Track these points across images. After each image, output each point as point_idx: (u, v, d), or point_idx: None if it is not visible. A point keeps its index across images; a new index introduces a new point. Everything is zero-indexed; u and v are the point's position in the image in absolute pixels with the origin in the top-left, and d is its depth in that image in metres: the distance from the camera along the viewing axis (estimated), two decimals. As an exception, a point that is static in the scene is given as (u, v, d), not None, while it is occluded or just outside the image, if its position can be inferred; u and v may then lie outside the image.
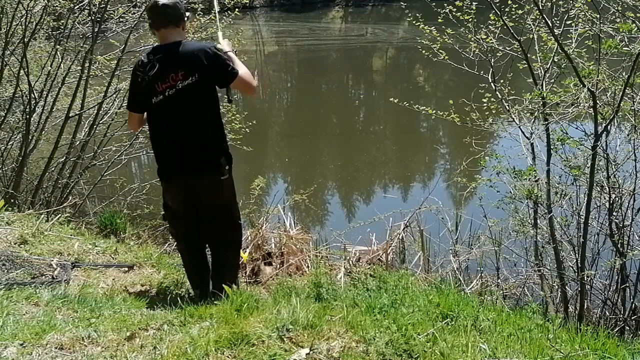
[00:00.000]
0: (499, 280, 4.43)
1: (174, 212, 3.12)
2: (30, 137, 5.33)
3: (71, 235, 4.14)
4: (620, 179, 3.92)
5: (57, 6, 5.38)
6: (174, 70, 2.82)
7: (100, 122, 5.95)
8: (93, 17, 5.43)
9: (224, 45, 3.05)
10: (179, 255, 3.49)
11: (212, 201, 3.02)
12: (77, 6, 5.36)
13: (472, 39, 4.65)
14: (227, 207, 3.10)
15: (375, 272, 4.12)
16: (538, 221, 4.17)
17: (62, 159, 5.74)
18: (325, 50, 21.63)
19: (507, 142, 4.83)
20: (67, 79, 5.56)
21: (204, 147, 2.95)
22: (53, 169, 5.80)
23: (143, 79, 2.87)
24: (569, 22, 4.07)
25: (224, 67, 2.87)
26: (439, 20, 4.93)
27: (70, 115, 5.54)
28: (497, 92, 4.54)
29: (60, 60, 5.49)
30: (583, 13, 3.92)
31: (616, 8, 3.61)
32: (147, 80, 2.86)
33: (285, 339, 2.02)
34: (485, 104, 4.66)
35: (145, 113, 3.03)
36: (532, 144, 4.24)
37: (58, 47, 5.50)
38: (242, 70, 2.95)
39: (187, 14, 3.12)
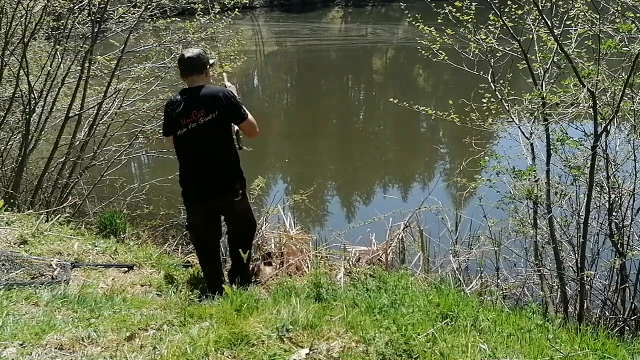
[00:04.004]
0: (498, 280, 4.43)
1: (196, 227, 3.73)
2: (30, 137, 5.32)
3: (71, 235, 4.14)
4: (620, 179, 3.92)
5: (57, 6, 5.37)
6: (196, 108, 3.42)
7: (100, 122, 5.94)
8: (93, 17, 5.42)
9: (232, 88, 3.67)
10: (196, 259, 4.11)
11: (229, 217, 3.76)
12: (77, 6, 5.36)
13: (472, 39, 4.65)
14: (242, 221, 3.76)
15: (375, 272, 4.11)
16: (538, 221, 4.17)
17: (62, 159, 5.72)
18: (325, 50, 21.63)
19: (507, 142, 4.83)
20: (66, 79, 5.54)
21: (220, 172, 3.53)
22: (53, 169, 5.78)
23: (172, 115, 3.49)
24: (569, 22, 4.07)
25: (238, 108, 3.51)
26: (439, 20, 4.93)
27: (70, 115, 5.53)
28: (497, 92, 4.54)
29: (60, 60, 5.48)
30: (583, 13, 3.92)
31: (616, 8, 3.60)
32: (174, 116, 3.47)
33: (285, 339, 2.02)
34: (485, 104, 4.66)
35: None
36: (531, 144, 4.24)
37: (58, 47, 5.49)
38: (250, 116, 3.56)
39: (212, 61, 3.72)
